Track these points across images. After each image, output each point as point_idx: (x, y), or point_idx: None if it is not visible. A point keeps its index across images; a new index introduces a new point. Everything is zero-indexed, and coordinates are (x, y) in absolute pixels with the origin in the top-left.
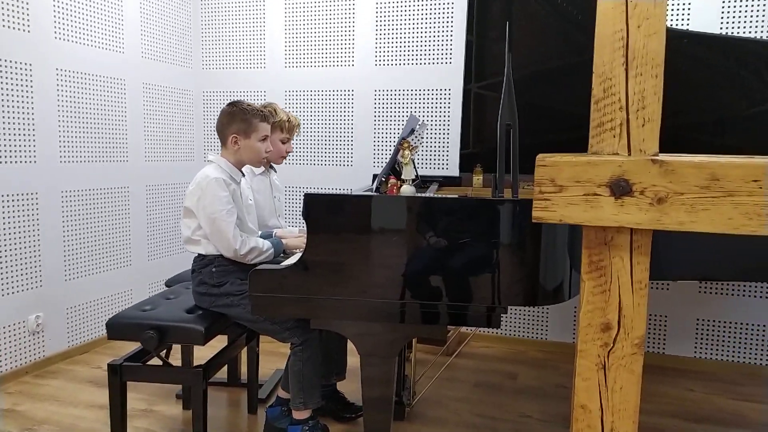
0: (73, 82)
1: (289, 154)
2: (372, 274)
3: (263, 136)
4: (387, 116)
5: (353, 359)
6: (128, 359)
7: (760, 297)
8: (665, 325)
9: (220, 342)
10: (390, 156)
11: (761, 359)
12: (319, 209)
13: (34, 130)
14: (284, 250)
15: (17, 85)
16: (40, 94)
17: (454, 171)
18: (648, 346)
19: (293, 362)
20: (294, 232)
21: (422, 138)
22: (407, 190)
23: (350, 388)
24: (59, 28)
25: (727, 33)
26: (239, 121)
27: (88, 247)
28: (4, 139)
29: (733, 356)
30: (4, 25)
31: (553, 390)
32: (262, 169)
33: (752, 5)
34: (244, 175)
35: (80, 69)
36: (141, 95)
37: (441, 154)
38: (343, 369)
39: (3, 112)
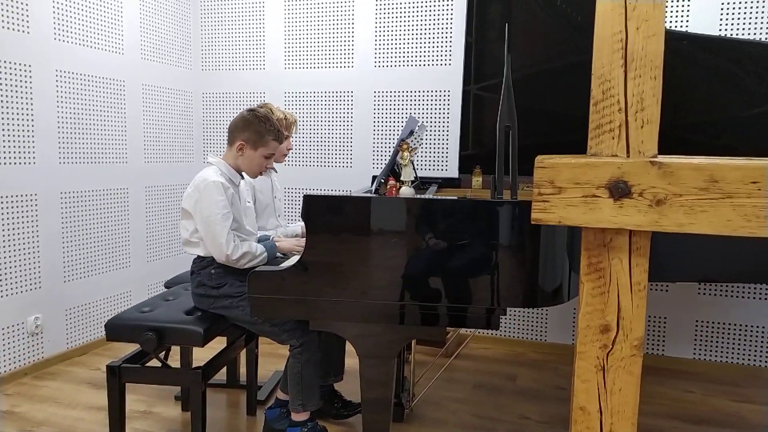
0: (73, 83)
1: (290, 151)
2: (371, 276)
3: (269, 153)
4: (386, 118)
5: (352, 360)
6: (127, 361)
7: (759, 298)
8: (664, 327)
9: (219, 343)
10: (389, 157)
11: (760, 361)
12: (319, 210)
13: (33, 131)
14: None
15: (17, 86)
16: (40, 95)
17: (453, 172)
18: (647, 348)
19: (292, 364)
20: (297, 231)
21: (421, 139)
22: (406, 191)
23: (348, 389)
24: (59, 29)
25: (726, 35)
26: (253, 131)
27: (87, 248)
28: (4, 141)
29: (732, 358)
30: (3, 27)
31: (552, 391)
32: None
33: (751, 7)
34: (243, 177)
35: (80, 70)
36: (140, 96)
37: (440, 155)
38: (341, 370)
39: (2, 113)
